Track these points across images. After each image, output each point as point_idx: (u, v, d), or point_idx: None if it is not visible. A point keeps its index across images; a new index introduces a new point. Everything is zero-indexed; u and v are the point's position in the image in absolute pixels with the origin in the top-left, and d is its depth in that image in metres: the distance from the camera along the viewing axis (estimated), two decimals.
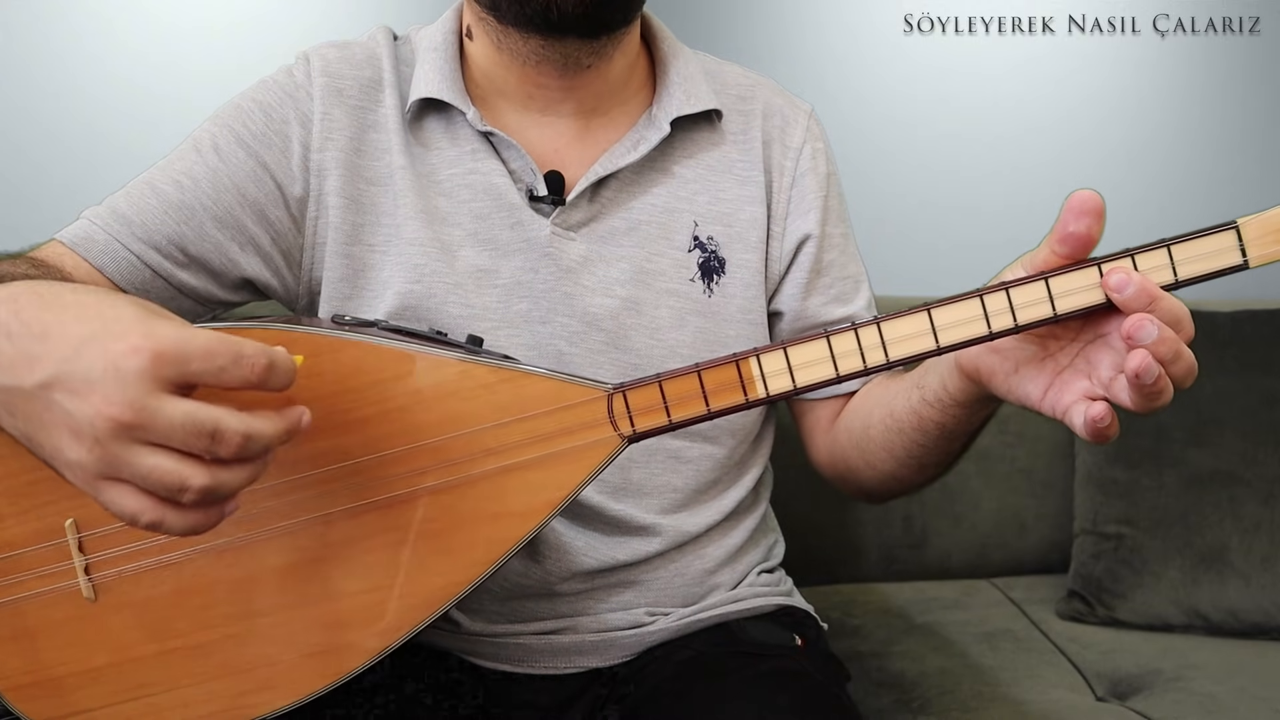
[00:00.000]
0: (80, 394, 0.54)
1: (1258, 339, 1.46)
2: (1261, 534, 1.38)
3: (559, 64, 0.86)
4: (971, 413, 0.78)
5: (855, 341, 0.66)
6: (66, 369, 0.54)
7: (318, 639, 0.70)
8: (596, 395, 0.69)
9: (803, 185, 0.95)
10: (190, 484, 0.55)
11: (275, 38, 1.69)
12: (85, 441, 0.54)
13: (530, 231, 0.86)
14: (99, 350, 0.54)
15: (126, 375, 0.53)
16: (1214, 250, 0.63)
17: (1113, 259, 0.64)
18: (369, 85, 0.89)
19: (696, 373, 0.68)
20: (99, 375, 0.54)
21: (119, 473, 0.55)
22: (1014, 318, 0.65)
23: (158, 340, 0.54)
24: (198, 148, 0.86)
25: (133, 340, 0.54)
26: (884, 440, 0.86)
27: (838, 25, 1.85)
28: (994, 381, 0.71)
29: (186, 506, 0.56)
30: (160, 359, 0.54)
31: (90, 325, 0.55)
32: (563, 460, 0.69)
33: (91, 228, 0.83)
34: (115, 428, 0.54)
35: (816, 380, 0.67)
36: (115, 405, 0.53)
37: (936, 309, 0.66)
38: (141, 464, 0.55)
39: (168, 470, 0.55)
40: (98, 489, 0.56)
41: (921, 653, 1.30)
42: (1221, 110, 1.92)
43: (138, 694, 0.70)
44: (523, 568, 0.88)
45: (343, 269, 0.87)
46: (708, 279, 0.91)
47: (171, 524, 0.56)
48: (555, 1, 0.80)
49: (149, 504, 0.56)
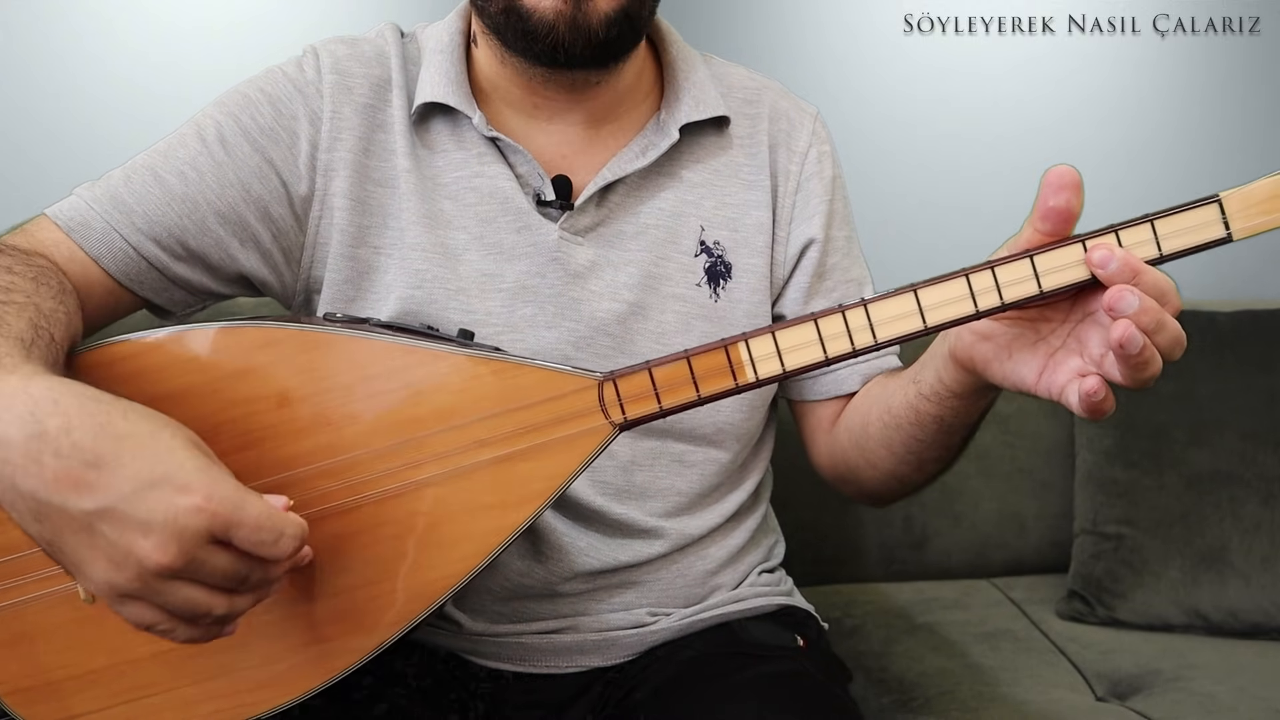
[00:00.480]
0: (133, 532, 0.57)
1: (1258, 339, 1.46)
2: (1261, 534, 1.38)
3: (565, 85, 0.86)
4: (969, 404, 0.77)
5: (843, 324, 0.66)
6: (124, 507, 0.57)
7: (314, 636, 0.70)
8: (587, 384, 0.69)
9: (808, 189, 0.95)
10: (214, 613, 0.60)
11: (275, 38, 1.69)
12: (126, 572, 0.57)
13: (538, 236, 0.86)
14: (163, 500, 0.57)
15: (185, 531, 0.57)
16: (1197, 224, 0.63)
17: (1097, 234, 0.64)
18: (378, 84, 0.88)
19: (686, 359, 0.68)
20: (159, 523, 0.57)
21: (150, 599, 0.59)
22: (1000, 296, 0.65)
23: (219, 503, 0.58)
24: (203, 137, 0.84)
25: (196, 499, 0.57)
26: (883, 437, 0.86)
27: (838, 25, 1.85)
28: (989, 369, 0.71)
29: (199, 625, 0.61)
30: (217, 520, 0.58)
31: (151, 467, 0.57)
32: (555, 449, 0.69)
33: (89, 212, 0.81)
34: (163, 570, 0.57)
35: (805, 363, 0.67)
36: (170, 555, 0.57)
37: (923, 289, 0.66)
38: (175, 596, 0.59)
39: (200, 601, 0.59)
40: (121, 603, 0.60)
41: (921, 653, 1.30)
42: (1221, 110, 1.92)
43: (136, 695, 0.70)
44: (525, 568, 0.88)
45: (347, 271, 0.86)
46: (714, 284, 0.91)
47: (180, 635, 0.61)
48: (561, 45, 0.79)
49: (164, 618, 0.60)
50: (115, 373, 0.69)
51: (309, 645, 0.70)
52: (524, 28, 0.79)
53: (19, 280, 0.71)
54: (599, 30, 0.79)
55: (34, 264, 0.75)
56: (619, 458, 0.88)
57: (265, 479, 0.69)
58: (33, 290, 0.70)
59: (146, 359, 0.70)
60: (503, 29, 0.81)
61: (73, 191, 0.83)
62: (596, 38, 0.79)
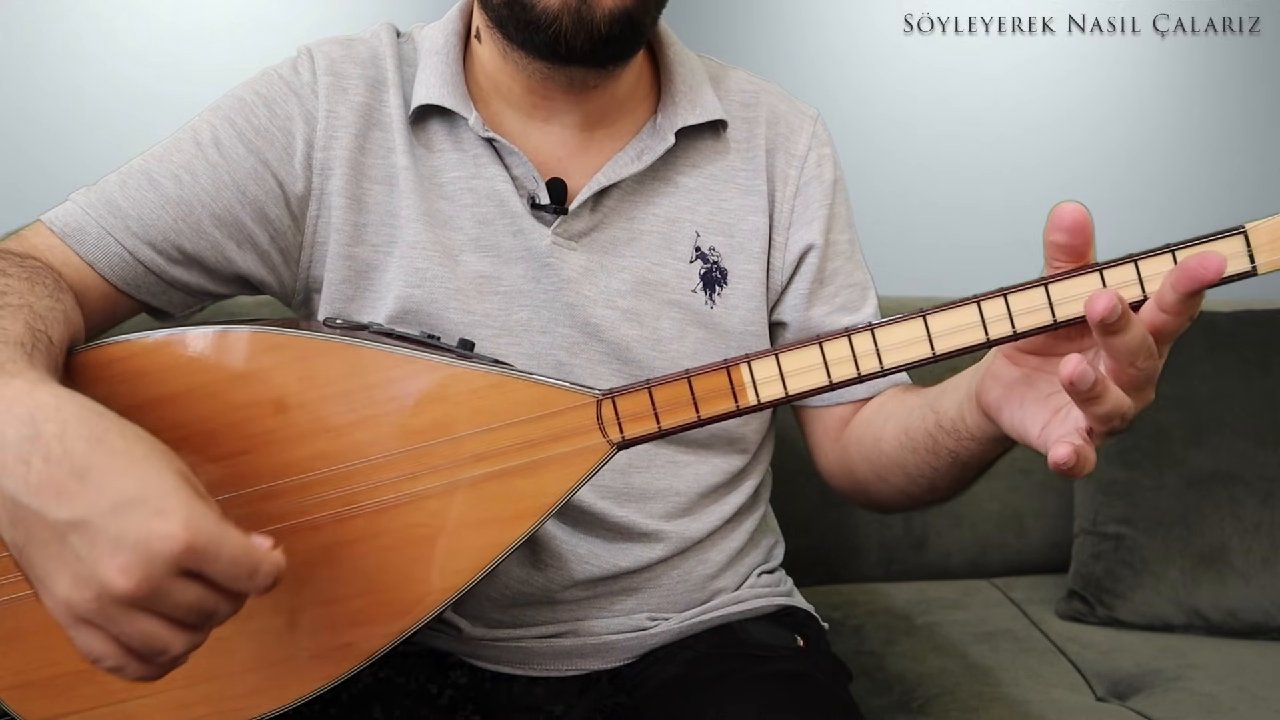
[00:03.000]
0: (101, 550, 0.54)
1: (1258, 339, 1.45)
2: (1261, 534, 1.38)
3: (564, 84, 0.85)
4: (985, 449, 0.76)
5: (849, 348, 0.65)
6: (99, 522, 0.55)
7: (309, 643, 0.69)
8: (585, 401, 0.69)
9: (807, 194, 0.94)
10: (171, 651, 0.57)
11: (275, 38, 1.69)
12: (86, 591, 0.55)
13: (531, 240, 0.86)
14: (137, 521, 0.54)
15: (155, 556, 0.54)
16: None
17: (1116, 264, 0.62)
18: (373, 84, 0.88)
19: (686, 379, 0.67)
20: (129, 544, 0.54)
21: (106, 626, 0.56)
22: (1012, 325, 0.63)
23: (195, 533, 0.55)
24: (197, 140, 0.84)
25: (173, 526, 0.54)
26: (897, 456, 0.84)
27: (838, 25, 1.85)
28: (1001, 416, 0.68)
29: (153, 663, 0.58)
30: (190, 552, 0.55)
31: (135, 487, 0.55)
32: (551, 466, 0.69)
33: (84, 218, 0.81)
34: (124, 596, 0.54)
35: (809, 387, 0.66)
36: (133, 579, 0.54)
37: (932, 315, 0.64)
38: (132, 627, 0.56)
39: (159, 637, 0.56)
40: (74, 627, 0.56)
41: (921, 653, 1.30)
42: (1221, 110, 1.92)
43: (131, 695, 0.70)
44: (524, 575, 0.88)
45: (345, 270, 0.86)
46: (709, 290, 0.90)
47: (130, 673, 0.58)
48: (564, 36, 0.78)
49: (117, 652, 0.57)
50: (114, 373, 0.69)
51: (304, 652, 0.70)
52: (527, 18, 0.79)
53: (13, 282, 0.70)
54: (602, 25, 0.78)
55: (27, 265, 0.75)
56: (615, 462, 0.88)
57: (261, 485, 0.68)
58: (26, 290, 0.70)
59: (146, 360, 0.70)
60: (505, 21, 0.81)
61: (69, 197, 0.83)
62: (599, 32, 0.78)
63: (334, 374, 0.69)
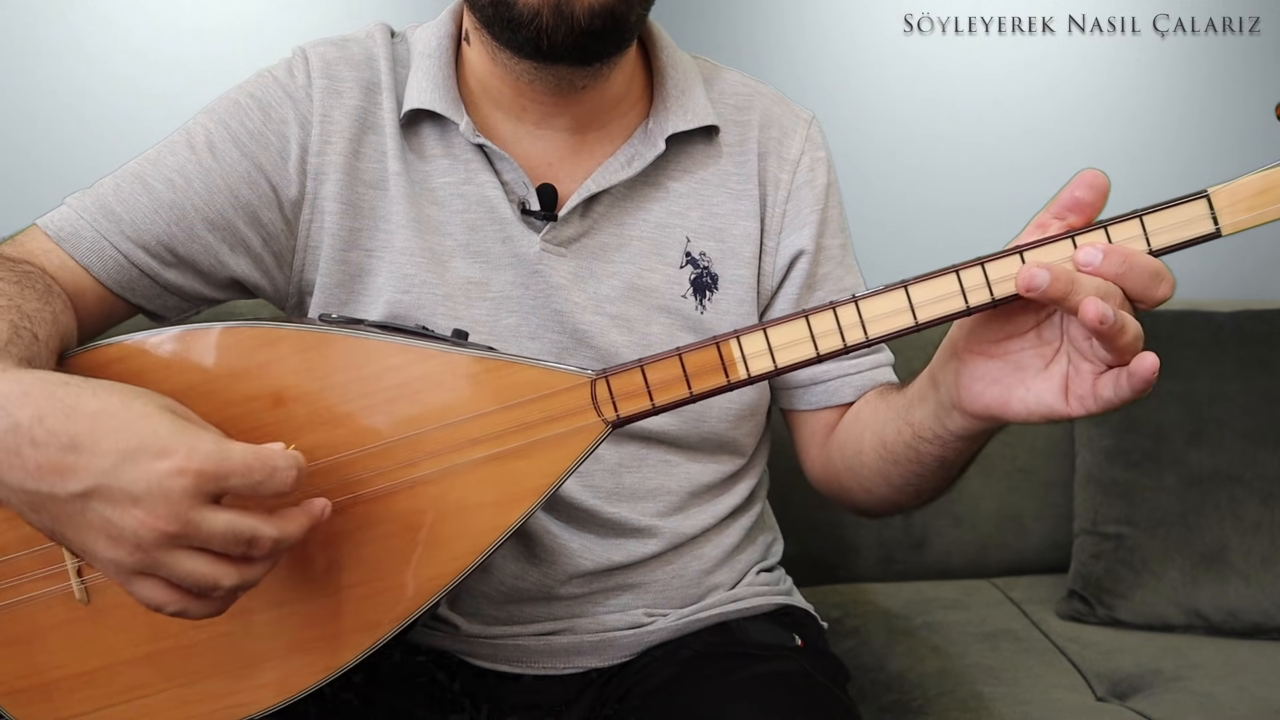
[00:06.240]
0: (123, 506, 0.57)
1: (1258, 339, 1.45)
2: (1261, 534, 1.38)
3: (552, 85, 0.84)
4: (976, 443, 0.76)
5: (834, 321, 0.66)
6: (109, 483, 0.57)
7: (308, 635, 0.70)
8: (580, 382, 0.69)
9: (799, 199, 0.93)
10: (222, 584, 0.60)
11: (275, 38, 1.69)
12: (125, 546, 0.58)
13: (520, 247, 0.86)
14: (142, 468, 0.57)
15: (172, 494, 0.57)
16: (1186, 219, 0.63)
17: (1087, 231, 0.64)
18: (367, 87, 0.87)
19: (678, 356, 0.68)
20: (143, 491, 0.57)
21: (155, 572, 0.59)
22: (990, 293, 0.65)
23: (200, 460, 0.57)
24: (191, 144, 0.84)
25: (177, 461, 0.57)
26: (879, 468, 0.84)
27: (838, 26, 1.85)
28: (1009, 410, 0.68)
29: (211, 599, 0.61)
30: (203, 477, 0.57)
31: (125, 439, 0.58)
32: (547, 447, 0.69)
33: (79, 221, 0.82)
34: (160, 538, 0.57)
35: (797, 360, 0.67)
36: (161, 519, 0.57)
37: (914, 285, 0.65)
38: (180, 567, 0.59)
39: (205, 573, 0.59)
40: (130, 582, 0.60)
41: (921, 653, 1.30)
42: (1221, 110, 1.92)
43: (132, 695, 0.70)
44: (519, 571, 0.88)
45: (338, 274, 0.86)
46: (700, 295, 0.90)
47: (194, 612, 0.61)
48: (545, 32, 0.78)
49: (176, 596, 0.60)
50: (112, 373, 0.69)
51: (304, 644, 0.70)
52: (509, 16, 0.79)
53: (3, 285, 0.71)
54: (582, 19, 0.78)
55: (19, 269, 0.75)
56: (606, 461, 0.88)
57: None
58: (16, 293, 0.71)
59: (143, 359, 0.70)
60: (491, 21, 0.81)
61: (64, 201, 0.84)
62: (579, 25, 0.78)
63: (331, 366, 0.70)
